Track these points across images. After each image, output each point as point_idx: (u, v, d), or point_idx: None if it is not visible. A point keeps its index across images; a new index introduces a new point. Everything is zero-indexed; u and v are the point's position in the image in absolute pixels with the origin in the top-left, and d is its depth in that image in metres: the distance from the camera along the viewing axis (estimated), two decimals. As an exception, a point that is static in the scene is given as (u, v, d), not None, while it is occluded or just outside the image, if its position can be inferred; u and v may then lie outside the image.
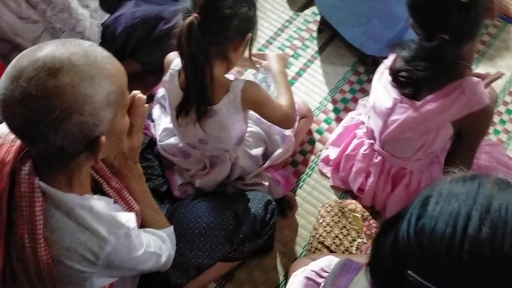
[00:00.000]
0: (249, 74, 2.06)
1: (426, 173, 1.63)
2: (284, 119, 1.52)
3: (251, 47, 1.42)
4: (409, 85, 1.44)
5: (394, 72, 1.47)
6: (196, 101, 1.38)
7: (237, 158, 1.60)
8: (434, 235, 0.63)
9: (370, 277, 0.74)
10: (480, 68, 2.20)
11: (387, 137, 1.56)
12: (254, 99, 1.43)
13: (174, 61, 1.45)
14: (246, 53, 1.46)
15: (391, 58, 1.53)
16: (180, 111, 1.42)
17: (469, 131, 1.47)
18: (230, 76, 1.46)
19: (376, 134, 1.62)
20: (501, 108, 2.11)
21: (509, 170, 1.70)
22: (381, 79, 1.57)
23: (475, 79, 1.40)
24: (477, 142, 1.50)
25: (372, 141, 1.67)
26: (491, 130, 2.04)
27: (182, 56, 1.33)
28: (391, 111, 1.51)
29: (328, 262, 0.94)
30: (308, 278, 0.92)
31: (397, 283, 0.67)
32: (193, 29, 1.25)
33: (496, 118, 2.08)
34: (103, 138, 0.92)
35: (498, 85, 2.12)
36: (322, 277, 0.92)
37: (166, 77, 1.46)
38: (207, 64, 1.32)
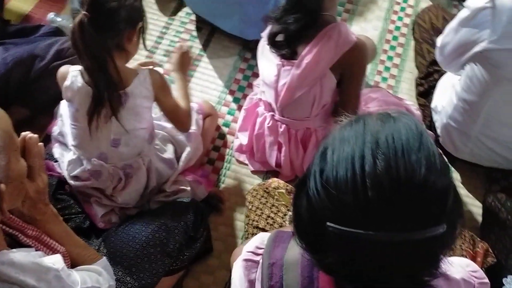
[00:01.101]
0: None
1: (330, 127, 1.71)
2: (181, 116, 1.57)
3: (144, 36, 1.47)
4: (285, 46, 1.55)
5: (270, 37, 1.57)
6: (108, 89, 1.38)
7: (151, 162, 1.58)
8: (338, 183, 0.67)
9: (298, 240, 0.78)
10: (354, 26, 2.33)
11: (283, 103, 1.64)
12: (162, 82, 1.51)
13: (70, 67, 1.45)
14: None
15: (267, 30, 1.61)
16: (95, 109, 1.41)
17: (348, 72, 1.57)
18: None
19: (273, 104, 1.69)
20: (383, 57, 2.25)
21: (399, 107, 1.82)
22: (263, 52, 1.66)
23: (339, 22, 1.52)
24: (358, 84, 1.60)
25: (272, 113, 1.74)
26: (379, 79, 2.18)
27: (80, 56, 1.33)
28: (278, 77, 1.60)
29: (260, 239, 0.96)
30: (246, 260, 0.94)
31: (321, 238, 0.71)
32: (84, 26, 1.26)
33: (381, 67, 2.21)
34: (2, 186, 0.88)
35: (374, 36, 2.26)
36: (258, 254, 0.94)
37: (67, 82, 1.44)
38: (108, 56, 1.34)
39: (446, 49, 1.63)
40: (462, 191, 1.87)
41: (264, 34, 1.64)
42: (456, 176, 1.90)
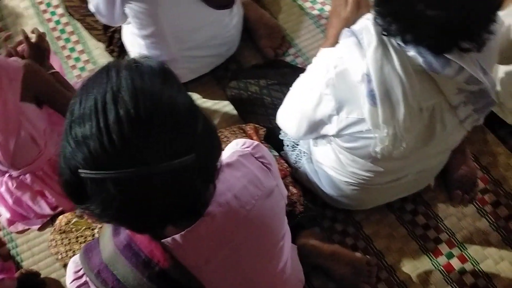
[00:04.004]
0: None
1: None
2: None
3: None
4: None
5: None
6: None
7: None
8: (84, 134, 0.69)
9: (78, 205, 0.76)
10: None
11: (6, 160, 1.56)
12: None
13: None
14: None
15: None
16: None
17: (41, 90, 1.57)
18: None
19: (1, 167, 1.62)
20: (65, 53, 2.20)
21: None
22: None
23: None
24: (60, 92, 1.62)
25: (7, 174, 1.66)
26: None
27: None
28: None
29: (73, 264, 0.93)
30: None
31: (82, 190, 0.72)
32: None
33: (72, 62, 2.17)
34: None
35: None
36: (81, 276, 0.91)
37: None
38: None
39: (99, 7, 1.67)
40: (209, 103, 2.02)
41: None
42: (199, 97, 2.03)
